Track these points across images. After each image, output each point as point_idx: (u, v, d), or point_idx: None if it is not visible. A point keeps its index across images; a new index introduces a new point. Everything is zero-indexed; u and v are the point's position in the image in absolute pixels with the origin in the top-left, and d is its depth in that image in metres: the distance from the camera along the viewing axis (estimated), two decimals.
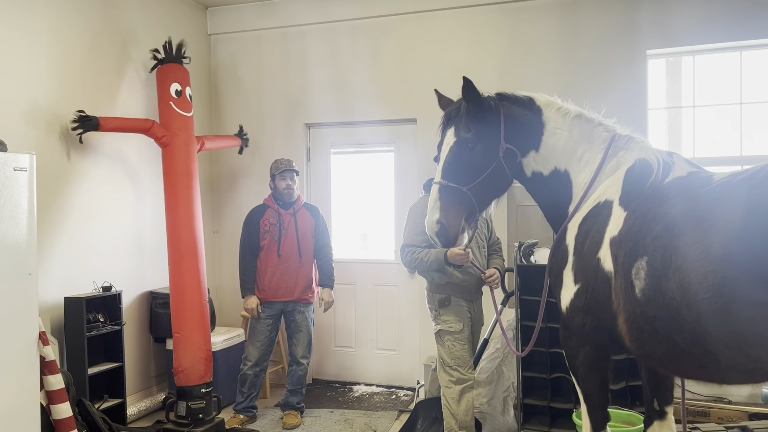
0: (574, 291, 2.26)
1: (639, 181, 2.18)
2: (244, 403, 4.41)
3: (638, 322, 2.00)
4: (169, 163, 4.33)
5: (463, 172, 2.38)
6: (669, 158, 2.22)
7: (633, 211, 2.11)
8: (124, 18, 4.69)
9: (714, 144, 4.67)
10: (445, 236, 2.40)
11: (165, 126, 4.36)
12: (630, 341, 2.08)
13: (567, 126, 2.40)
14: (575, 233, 2.32)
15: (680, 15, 4.49)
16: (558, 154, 2.40)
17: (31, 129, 3.91)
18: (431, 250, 3.50)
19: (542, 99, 2.46)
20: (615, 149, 2.32)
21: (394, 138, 5.35)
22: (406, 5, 5.11)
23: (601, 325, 2.19)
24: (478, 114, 2.38)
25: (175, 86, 4.40)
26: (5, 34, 3.76)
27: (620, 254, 2.07)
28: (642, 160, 2.23)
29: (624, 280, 2.04)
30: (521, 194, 4.72)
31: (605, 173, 2.31)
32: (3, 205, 3.11)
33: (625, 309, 2.05)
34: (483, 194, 2.43)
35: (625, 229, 2.09)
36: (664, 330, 1.92)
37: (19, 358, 3.19)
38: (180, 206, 4.24)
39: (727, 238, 1.75)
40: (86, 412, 3.80)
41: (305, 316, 4.44)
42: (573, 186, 2.39)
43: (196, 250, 4.25)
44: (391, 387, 5.32)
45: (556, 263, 2.39)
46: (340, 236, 5.59)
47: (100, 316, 4.14)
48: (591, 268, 2.20)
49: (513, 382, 4.01)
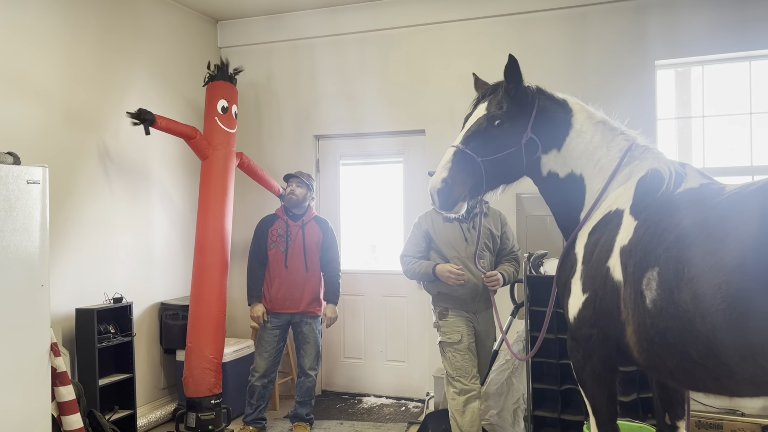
0: (582, 301, 2.24)
1: (650, 191, 2.17)
2: (253, 415, 4.41)
3: (648, 333, 1.98)
4: (207, 176, 4.46)
5: (482, 144, 2.39)
6: (681, 169, 2.21)
7: (644, 220, 2.10)
8: (135, 33, 4.75)
9: (730, 152, 4.64)
10: (446, 196, 2.40)
11: (208, 139, 4.47)
12: (638, 353, 2.06)
13: (590, 130, 2.39)
14: (585, 242, 2.30)
15: (689, 25, 4.49)
16: (576, 158, 2.39)
17: (43, 142, 3.95)
18: (423, 261, 3.66)
19: (576, 103, 2.48)
20: (630, 158, 2.31)
21: (402, 149, 5.37)
22: (414, 17, 5.15)
23: (609, 336, 2.17)
24: (515, 95, 2.40)
25: (222, 102, 4.53)
26: (19, 48, 3.82)
27: (630, 264, 2.05)
28: (654, 170, 2.22)
29: (634, 290, 2.02)
30: (531, 205, 4.75)
31: (618, 181, 2.30)
32: (16, 218, 3.15)
33: (634, 319, 2.03)
34: (493, 173, 2.42)
35: (635, 238, 2.08)
36: (676, 342, 1.90)
37: (31, 369, 3.22)
38: (210, 218, 4.36)
39: (742, 248, 1.74)
40: (97, 423, 3.82)
41: (312, 327, 4.44)
42: (586, 192, 2.38)
43: (223, 263, 4.38)
44: (401, 399, 5.31)
45: (565, 272, 2.37)
46: (349, 247, 5.60)
47: (111, 328, 4.17)
48: (600, 277, 2.18)
49: (523, 393, 3.98)
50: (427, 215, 3.80)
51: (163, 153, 4.96)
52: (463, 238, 3.68)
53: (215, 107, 4.53)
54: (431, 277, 3.61)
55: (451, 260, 3.63)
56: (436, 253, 3.72)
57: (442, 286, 3.64)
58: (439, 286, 3.67)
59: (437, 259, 3.68)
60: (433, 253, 3.73)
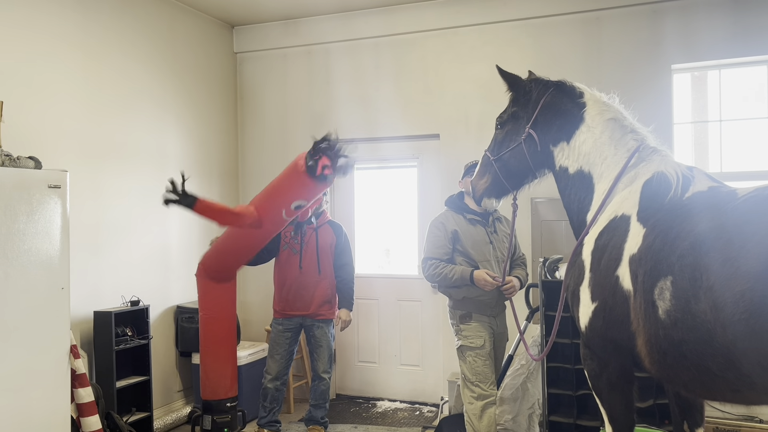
0: (592, 310, 2.20)
1: (658, 196, 2.11)
2: (267, 418, 4.43)
3: (661, 345, 1.91)
4: None
5: (494, 145, 2.72)
6: (689, 172, 2.15)
7: (652, 227, 2.03)
8: (153, 38, 4.80)
9: (747, 156, 4.59)
10: (473, 191, 2.88)
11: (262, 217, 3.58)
12: (650, 364, 2.00)
13: (600, 126, 2.38)
14: (591, 248, 2.25)
15: (705, 29, 4.46)
16: (585, 154, 2.39)
17: (64, 147, 4.01)
18: (456, 267, 3.52)
19: (591, 96, 2.49)
20: (638, 160, 2.27)
21: (417, 153, 5.38)
22: (429, 22, 5.16)
23: (622, 345, 2.12)
24: (516, 97, 2.63)
25: (299, 202, 3.60)
26: (39, 53, 3.89)
27: (640, 273, 1.99)
28: (660, 173, 2.16)
29: (644, 300, 1.96)
30: (545, 209, 4.75)
31: (623, 183, 2.26)
32: (37, 222, 3.20)
33: (645, 330, 1.96)
34: (505, 171, 2.66)
35: (644, 246, 2.01)
36: (693, 354, 1.83)
37: (51, 370, 3.27)
38: None
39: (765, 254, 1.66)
40: (115, 425, 3.86)
41: (324, 331, 4.44)
42: (594, 192, 2.36)
43: None
44: (415, 403, 5.30)
45: (573, 279, 2.33)
46: (364, 251, 5.62)
47: (128, 330, 4.21)
48: (609, 286, 2.13)
49: (538, 398, 3.97)
50: (447, 217, 3.68)
51: (179, 155, 5.01)
52: (487, 240, 3.64)
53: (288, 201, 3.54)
54: (467, 282, 3.48)
55: (479, 263, 3.54)
56: (461, 256, 3.59)
57: (469, 290, 3.54)
58: (465, 291, 3.55)
59: (462, 262, 3.56)
60: (458, 256, 3.60)
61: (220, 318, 3.95)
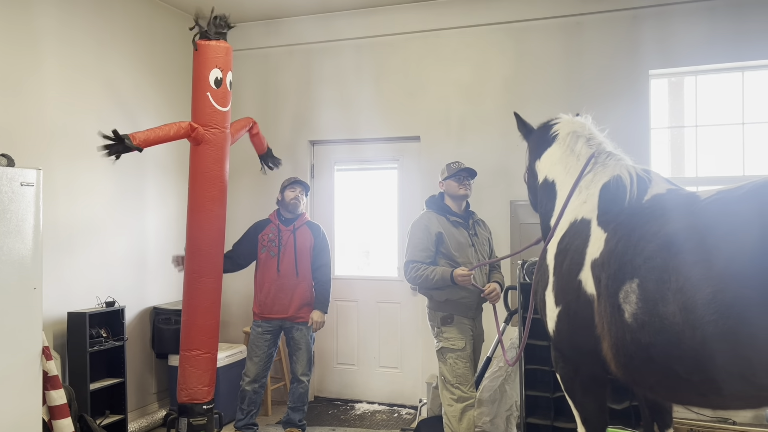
0: (557, 314, 2.23)
1: (616, 199, 2.14)
2: (244, 420, 4.38)
3: (628, 349, 1.90)
4: (196, 166, 3.80)
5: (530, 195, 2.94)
6: (645, 174, 2.19)
7: (614, 231, 2.05)
8: (133, 37, 4.74)
9: (722, 161, 4.67)
10: None
11: (197, 121, 3.76)
12: (616, 367, 2.00)
13: (564, 141, 2.56)
14: (555, 252, 2.30)
15: (683, 35, 4.52)
16: (551, 164, 2.58)
17: (38, 144, 3.94)
18: (437, 268, 3.52)
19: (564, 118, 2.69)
20: (594, 165, 2.37)
21: (397, 155, 5.38)
22: (410, 24, 5.17)
23: (588, 349, 2.13)
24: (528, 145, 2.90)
25: (215, 74, 3.73)
26: (14, 50, 3.81)
27: (603, 277, 1.99)
28: (616, 176, 2.22)
29: (609, 304, 1.95)
30: (524, 212, 4.77)
31: (581, 188, 2.35)
32: (9, 220, 3.14)
33: (610, 334, 1.96)
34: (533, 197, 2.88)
35: (607, 250, 2.02)
36: (660, 357, 1.82)
37: (22, 372, 3.20)
38: (204, 218, 3.81)
39: (740, 255, 1.66)
40: (88, 427, 3.80)
41: (303, 333, 4.41)
42: (557, 198, 2.48)
43: (218, 269, 3.95)
44: (393, 405, 5.29)
45: (540, 283, 2.38)
46: (343, 253, 5.60)
47: (102, 332, 4.15)
48: (572, 290, 2.15)
49: (516, 401, 3.98)
50: (430, 218, 3.64)
51: (157, 155, 4.95)
52: (469, 243, 3.66)
53: (207, 80, 3.73)
54: (448, 283, 3.46)
55: (463, 265, 3.53)
56: (444, 258, 3.58)
57: (451, 292, 3.54)
58: (448, 293, 3.55)
59: (445, 265, 3.54)
60: (441, 258, 3.58)
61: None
